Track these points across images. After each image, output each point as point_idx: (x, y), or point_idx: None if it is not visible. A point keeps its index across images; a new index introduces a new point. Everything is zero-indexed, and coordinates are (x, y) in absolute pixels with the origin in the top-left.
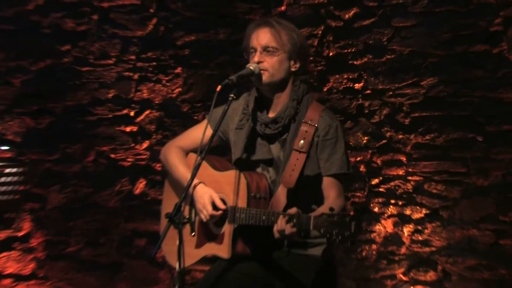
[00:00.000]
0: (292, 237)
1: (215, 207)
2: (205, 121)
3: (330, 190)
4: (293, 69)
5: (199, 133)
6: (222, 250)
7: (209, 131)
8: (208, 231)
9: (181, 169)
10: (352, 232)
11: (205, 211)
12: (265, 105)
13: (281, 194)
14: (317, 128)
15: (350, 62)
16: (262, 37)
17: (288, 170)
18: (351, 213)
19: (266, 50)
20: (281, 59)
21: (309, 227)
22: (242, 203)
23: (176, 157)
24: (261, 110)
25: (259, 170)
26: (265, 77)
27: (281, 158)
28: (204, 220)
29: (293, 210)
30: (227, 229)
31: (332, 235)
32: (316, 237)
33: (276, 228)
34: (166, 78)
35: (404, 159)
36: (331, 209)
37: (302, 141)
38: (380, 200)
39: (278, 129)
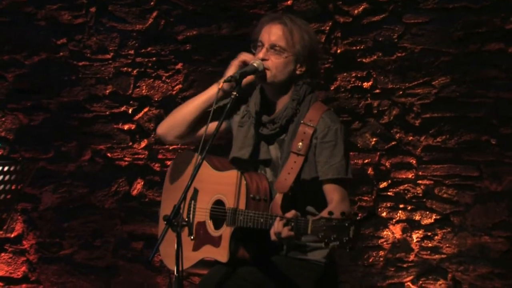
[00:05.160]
0: (289, 241)
1: None
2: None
3: (333, 194)
4: (298, 72)
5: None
6: (219, 253)
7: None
8: (206, 234)
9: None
10: (351, 237)
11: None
12: (268, 105)
13: (277, 199)
14: (315, 129)
15: (358, 59)
16: (273, 33)
17: (284, 174)
18: (351, 217)
19: (273, 48)
20: (287, 61)
21: (306, 231)
22: (241, 204)
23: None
24: (262, 110)
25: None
26: (267, 76)
27: (279, 159)
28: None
29: (291, 214)
30: (225, 231)
31: (330, 240)
32: (315, 241)
33: (272, 230)
34: (166, 74)
35: (414, 162)
36: (330, 213)
37: (300, 143)
38: (388, 204)
39: (275, 130)
